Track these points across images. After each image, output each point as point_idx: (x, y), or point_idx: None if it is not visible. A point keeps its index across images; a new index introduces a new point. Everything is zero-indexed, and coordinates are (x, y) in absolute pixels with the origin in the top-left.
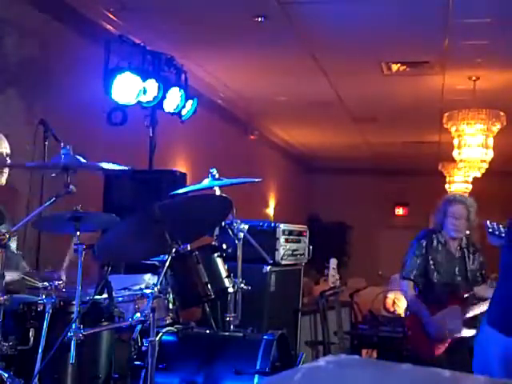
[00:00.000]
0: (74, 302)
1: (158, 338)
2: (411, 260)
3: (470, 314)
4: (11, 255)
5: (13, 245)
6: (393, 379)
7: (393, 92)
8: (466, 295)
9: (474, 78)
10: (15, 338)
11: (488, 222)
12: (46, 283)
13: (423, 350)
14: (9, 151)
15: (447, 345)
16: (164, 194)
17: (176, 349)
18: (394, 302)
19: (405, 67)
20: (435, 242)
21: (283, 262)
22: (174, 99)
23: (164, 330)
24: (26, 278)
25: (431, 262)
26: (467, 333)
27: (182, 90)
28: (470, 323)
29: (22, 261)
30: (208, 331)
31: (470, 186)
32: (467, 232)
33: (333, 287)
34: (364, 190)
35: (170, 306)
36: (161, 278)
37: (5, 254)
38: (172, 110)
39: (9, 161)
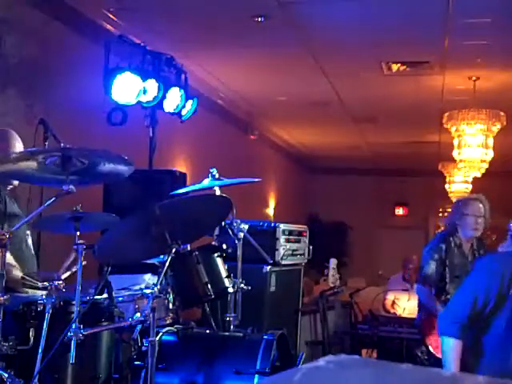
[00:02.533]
0: (73, 302)
1: (157, 338)
2: (428, 266)
3: None
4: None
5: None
6: (393, 379)
7: (393, 92)
8: None
9: (474, 78)
10: (15, 337)
11: None
12: (46, 283)
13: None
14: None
15: None
16: (164, 194)
17: (176, 349)
18: (393, 303)
19: (405, 67)
20: (453, 244)
21: (283, 262)
22: (174, 99)
23: (164, 330)
24: (26, 277)
25: (447, 265)
26: None
27: (182, 90)
28: None
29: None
30: (208, 331)
31: (470, 186)
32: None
33: (333, 287)
34: (364, 190)
35: (170, 306)
36: (161, 278)
37: (27, 254)
38: (172, 110)
39: None
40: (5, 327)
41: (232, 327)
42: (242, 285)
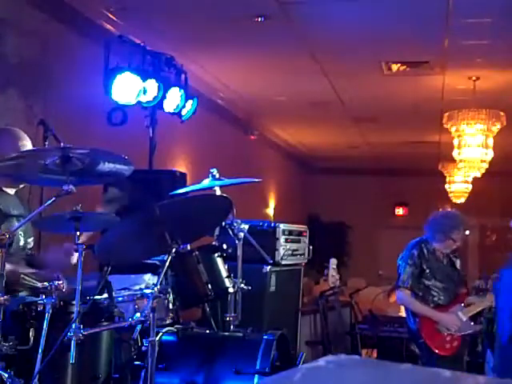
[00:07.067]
0: (73, 302)
1: (157, 338)
2: (404, 270)
3: (472, 312)
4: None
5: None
6: (393, 379)
7: (393, 92)
8: (464, 294)
9: (474, 78)
10: (15, 337)
11: None
12: (46, 283)
13: (441, 349)
14: None
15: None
16: (164, 194)
17: (176, 349)
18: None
19: (405, 67)
20: (425, 250)
21: (283, 262)
22: (173, 99)
23: (164, 330)
24: (26, 278)
25: (427, 271)
26: (475, 328)
27: (182, 90)
28: (475, 319)
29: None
30: (208, 331)
31: (470, 186)
32: None
33: (333, 287)
34: (364, 190)
35: (170, 306)
36: (161, 278)
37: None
38: (172, 110)
39: None
40: (5, 327)
41: (232, 327)
42: (242, 285)
